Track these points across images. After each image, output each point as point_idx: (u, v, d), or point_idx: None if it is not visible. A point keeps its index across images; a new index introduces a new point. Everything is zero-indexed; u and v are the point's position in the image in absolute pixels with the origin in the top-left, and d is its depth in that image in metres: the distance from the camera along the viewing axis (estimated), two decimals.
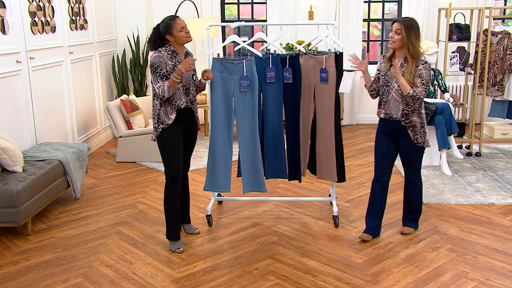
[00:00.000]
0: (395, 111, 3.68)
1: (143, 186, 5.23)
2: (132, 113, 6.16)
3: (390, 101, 3.69)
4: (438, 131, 5.41)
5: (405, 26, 3.54)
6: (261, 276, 3.40)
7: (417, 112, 3.65)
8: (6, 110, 4.63)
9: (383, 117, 3.78)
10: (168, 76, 3.56)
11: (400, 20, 3.59)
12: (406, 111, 3.64)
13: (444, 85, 5.74)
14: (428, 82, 3.59)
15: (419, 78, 3.57)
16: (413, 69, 3.56)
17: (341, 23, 7.64)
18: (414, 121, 3.66)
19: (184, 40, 3.61)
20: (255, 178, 4.08)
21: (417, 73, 3.56)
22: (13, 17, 4.73)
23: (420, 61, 3.60)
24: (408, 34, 3.53)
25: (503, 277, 3.35)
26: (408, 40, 3.54)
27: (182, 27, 3.59)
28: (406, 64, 3.60)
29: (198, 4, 7.45)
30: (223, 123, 4.00)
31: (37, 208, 4.18)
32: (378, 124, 3.89)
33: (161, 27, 3.61)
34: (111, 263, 3.62)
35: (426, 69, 3.59)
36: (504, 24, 6.19)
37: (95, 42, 6.68)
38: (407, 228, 4.01)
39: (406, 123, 3.67)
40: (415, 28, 3.57)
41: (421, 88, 3.56)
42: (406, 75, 3.56)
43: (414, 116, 3.65)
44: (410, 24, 3.56)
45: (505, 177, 5.29)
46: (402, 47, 3.59)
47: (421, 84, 3.57)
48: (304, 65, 4.11)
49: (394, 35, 3.58)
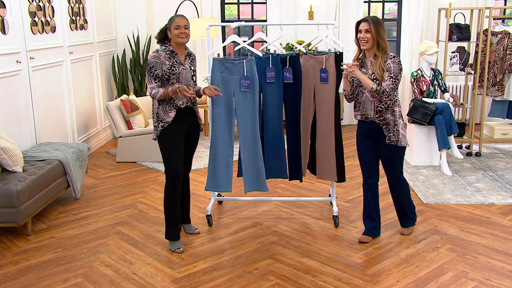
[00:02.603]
0: (369, 110, 3.68)
1: (143, 186, 5.23)
2: (132, 113, 6.16)
3: (365, 101, 3.69)
4: (438, 131, 5.41)
5: (373, 23, 3.55)
6: (261, 276, 3.40)
7: (390, 109, 3.65)
8: (6, 110, 4.63)
9: (359, 119, 3.79)
10: (163, 78, 3.56)
11: (367, 19, 3.59)
12: (380, 108, 3.64)
13: (444, 85, 5.74)
14: (397, 75, 3.56)
15: (387, 72, 3.56)
16: (382, 63, 3.57)
17: (341, 23, 7.64)
18: (388, 118, 3.65)
19: (175, 39, 3.61)
20: (256, 178, 4.08)
21: (385, 67, 3.57)
22: (13, 17, 4.73)
23: (388, 55, 3.60)
24: (377, 30, 3.55)
25: (503, 277, 3.35)
26: (378, 35, 3.55)
27: (178, 25, 3.59)
28: (375, 60, 3.60)
29: (198, 4, 7.46)
30: (224, 123, 4.00)
31: (37, 208, 4.17)
32: (357, 128, 3.89)
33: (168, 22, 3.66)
34: (111, 263, 3.62)
35: (395, 63, 3.58)
36: (504, 24, 6.19)
37: (95, 42, 6.68)
38: (406, 229, 3.99)
39: (380, 121, 3.66)
40: (381, 22, 3.59)
41: (389, 81, 3.54)
42: (375, 70, 3.57)
43: (387, 113, 3.65)
44: (376, 21, 3.58)
45: (505, 177, 5.29)
46: (372, 46, 3.59)
47: (389, 77, 3.55)
48: (304, 65, 4.12)
49: (366, 34, 3.57)
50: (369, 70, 3.64)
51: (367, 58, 3.68)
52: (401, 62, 3.62)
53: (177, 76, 3.63)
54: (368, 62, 3.67)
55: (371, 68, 3.62)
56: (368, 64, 3.66)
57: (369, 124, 3.73)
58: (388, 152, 3.75)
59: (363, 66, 3.70)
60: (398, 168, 3.84)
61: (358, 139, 3.87)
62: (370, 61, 3.65)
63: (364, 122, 3.76)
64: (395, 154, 3.76)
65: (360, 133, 3.84)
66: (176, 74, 3.62)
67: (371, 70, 3.62)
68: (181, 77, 3.64)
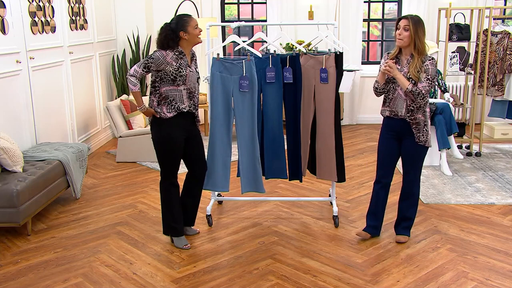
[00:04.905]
0: (400, 108, 3.64)
1: (143, 186, 5.23)
2: (132, 113, 6.16)
3: (396, 98, 3.65)
4: (438, 131, 5.41)
5: (413, 22, 3.52)
6: (261, 276, 3.40)
7: (422, 109, 3.61)
8: (6, 110, 4.63)
9: (388, 115, 3.73)
10: (168, 78, 3.51)
11: (408, 17, 3.56)
12: (412, 107, 3.60)
13: (444, 85, 5.74)
14: (433, 78, 3.55)
15: (425, 73, 3.53)
16: (419, 64, 3.53)
17: (341, 23, 7.64)
18: (418, 118, 3.62)
19: (196, 39, 3.57)
20: (253, 179, 4.08)
21: (422, 69, 3.54)
22: (13, 17, 4.73)
23: (427, 57, 3.57)
24: (416, 30, 3.51)
25: (503, 277, 3.35)
26: (416, 36, 3.51)
27: (197, 25, 3.57)
28: (412, 60, 3.57)
29: (198, 4, 7.45)
30: (223, 123, 4.00)
31: (37, 208, 4.17)
32: (382, 124, 3.83)
33: (175, 23, 3.52)
34: (111, 263, 3.62)
35: (433, 65, 3.56)
36: (504, 24, 6.18)
37: (95, 42, 6.68)
38: (402, 236, 3.89)
39: (410, 120, 3.62)
40: (422, 23, 3.56)
41: (425, 83, 3.52)
42: (411, 71, 3.54)
43: (418, 113, 3.61)
44: (417, 20, 3.55)
45: (505, 177, 5.29)
46: (409, 44, 3.56)
47: (426, 79, 3.53)
48: (304, 65, 4.11)
49: (403, 31, 3.54)
50: (404, 68, 3.61)
51: (403, 56, 3.64)
52: (437, 64, 3.58)
53: (184, 79, 3.56)
54: (404, 60, 3.63)
55: (406, 67, 3.59)
56: (404, 62, 3.62)
57: (398, 121, 3.68)
58: (413, 151, 3.71)
59: (397, 62, 3.66)
60: (418, 168, 3.79)
61: (382, 136, 3.82)
62: (406, 59, 3.62)
63: (392, 119, 3.71)
64: (419, 153, 3.73)
65: (386, 130, 3.78)
66: (183, 76, 3.55)
67: (406, 68, 3.59)
68: (188, 79, 3.58)
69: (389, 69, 3.55)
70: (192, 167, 3.84)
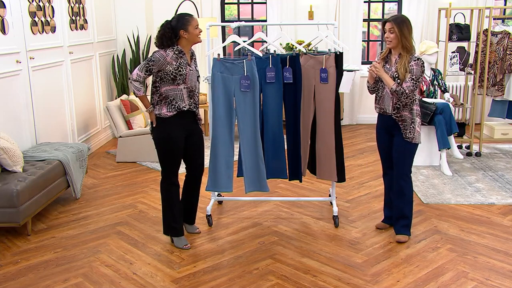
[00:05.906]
0: (387, 105, 3.76)
1: (143, 186, 5.23)
2: (132, 113, 6.16)
3: (384, 96, 3.77)
4: (438, 131, 5.41)
5: (397, 23, 3.61)
6: (261, 276, 3.40)
7: (408, 107, 3.70)
8: (6, 110, 4.63)
9: (379, 112, 3.89)
10: (167, 77, 3.51)
11: (391, 19, 3.66)
12: (398, 105, 3.70)
13: (444, 85, 5.74)
14: (418, 78, 3.63)
15: (409, 74, 3.62)
16: (406, 63, 3.63)
17: (341, 23, 7.64)
18: (405, 116, 3.71)
19: (196, 39, 3.59)
20: (257, 178, 4.07)
21: (408, 69, 3.63)
22: (13, 17, 4.73)
23: (413, 57, 3.66)
24: (400, 30, 3.61)
25: (503, 277, 3.35)
26: (402, 35, 3.61)
27: (197, 25, 3.59)
28: (400, 59, 3.67)
29: (198, 4, 7.45)
30: (224, 123, 3.99)
31: (37, 208, 4.17)
32: (376, 120, 3.98)
33: (176, 21, 3.53)
34: (111, 263, 3.62)
35: (418, 65, 3.63)
36: (504, 24, 6.18)
37: (95, 42, 6.68)
38: (402, 236, 3.88)
39: (396, 117, 3.73)
40: (407, 22, 3.65)
41: (410, 83, 3.61)
42: (399, 69, 3.64)
43: (405, 111, 3.70)
44: (401, 20, 3.64)
45: (505, 177, 5.29)
46: (397, 44, 3.66)
47: (410, 79, 3.62)
48: (304, 65, 4.11)
49: (389, 34, 3.65)
50: (392, 67, 3.71)
51: (392, 55, 3.76)
52: (424, 65, 3.66)
53: (184, 78, 3.57)
54: (393, 59, 3.74)
55: (394, 66, 3.70)
56: (393, 61, 3.73)
57: (387, 118, 3.80)
58: (402, 147, 3.78)
59: (387, 62, 3.77)
60: (407, 164, 3.83)
61: (377, 132, 3.99)
62: (395, 58, 3.72)
63: (383, 115, 3.85)
64: (407, 150, 3.79)
65: (379, 126, 3.94)
66: (183, 75, 3.55)
67: (394, 68, 3.69)
68: (187, 78, 3.59)
69: (374, 70, 3.71)
70: (190, 165, 3.87)
